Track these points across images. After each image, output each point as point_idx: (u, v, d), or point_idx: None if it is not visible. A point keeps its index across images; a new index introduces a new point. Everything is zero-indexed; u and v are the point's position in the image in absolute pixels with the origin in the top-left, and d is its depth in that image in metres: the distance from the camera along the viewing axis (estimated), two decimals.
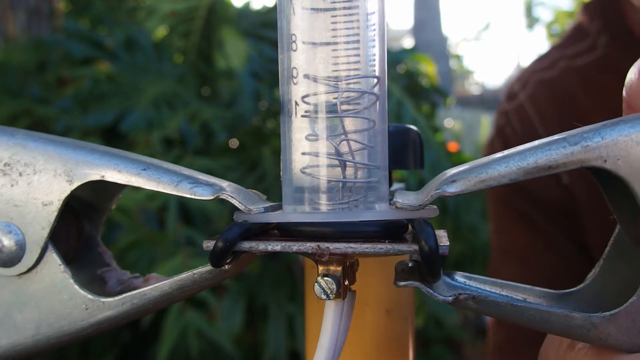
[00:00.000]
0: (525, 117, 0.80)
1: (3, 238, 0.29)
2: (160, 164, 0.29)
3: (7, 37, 2.17)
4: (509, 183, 0.25)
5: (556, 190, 0.76)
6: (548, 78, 0.80)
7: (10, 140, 0.29)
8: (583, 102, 0.74)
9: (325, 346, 0.27)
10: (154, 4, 2.15)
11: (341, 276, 0.27)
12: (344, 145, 0.28)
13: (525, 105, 0.80)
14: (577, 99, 0.76)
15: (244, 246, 0.26)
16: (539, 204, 0.78)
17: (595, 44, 0.77)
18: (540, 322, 0.26)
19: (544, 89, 0.80)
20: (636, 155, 0.25)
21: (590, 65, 0.77)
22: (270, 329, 1.48)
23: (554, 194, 0.77)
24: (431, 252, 0.24)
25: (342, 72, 0.28)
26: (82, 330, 0.29)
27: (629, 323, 0.25)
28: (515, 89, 0.83)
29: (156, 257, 1.43)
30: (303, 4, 0.28)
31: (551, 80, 0.79)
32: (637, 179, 0.25)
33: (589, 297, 0.28)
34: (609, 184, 0.27)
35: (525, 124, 0.79)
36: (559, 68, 0.79)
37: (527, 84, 0.81)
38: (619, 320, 0.25)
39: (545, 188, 0.77)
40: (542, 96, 0.79)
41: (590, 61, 0.77)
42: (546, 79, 0.80)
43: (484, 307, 0.26)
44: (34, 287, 0.29)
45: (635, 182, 0.25)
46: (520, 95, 0.81)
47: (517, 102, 0.81)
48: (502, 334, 0.81)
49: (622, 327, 0.25)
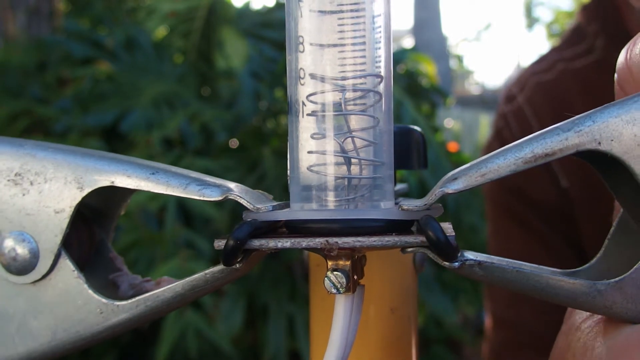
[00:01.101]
0: (523, 120, 0.80)
1: (17, 247, 0.29)
2: (168, 167, 0.29)
3: (7, 37, 2.17)
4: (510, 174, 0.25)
5: (553, 194, 0.77)
6: (546, 80, 0.80)
7: (20, 151, 0.30)
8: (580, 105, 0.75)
9: (337, 340, 0.28)
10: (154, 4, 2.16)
11: (350, 270, 0.27)
12: (350, 143, 0.29)
13: (523, 108, 0.81)
14: (574, 101, 0.77)
15: (254, 244, 0.27)
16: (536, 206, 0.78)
17: (593, 46, 0.77)
18: (545, 289, 0.26)
19: (542, 92, 0.80)
20: (628, 134, 0.25)
21: (588, 67, 0.77)
22: (270, 329, 1.48)
23: (551, 197, 0.77)
24: (439, 239, 0.25)
25: (348, 73, 0.28)
26: (98, 334, 0.29)
27: (635, 290, 0.25)
28: (513, 92, 0.83)
29: (155, 258, 1.43)
30: (310, 7, 0.28)
31: (549, 83, 0.80)
32: (632, 156, 0.25)
33: (594, 276, 0.28)
34: (606, 169, 0.27)
35: (523, 126, 0.80)
36: (556, 70, 0.80)
37: (525, 86, 0.82)
38: (625, 287, 0.26)
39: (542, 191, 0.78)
40: (540, 99, 0.80)
41: (588, 63, 0.77)
42: (544, 82, 0.80)
43: (490, 273, 0.26)
44: (49, 293, 0.30)
45: (631, 160, 0.25)
46: (519, 97, 0.82)
47: (515, 104, 0.82)
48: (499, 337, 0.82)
49: (628, 294, 0.26)
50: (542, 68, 0.82)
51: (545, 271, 0.26)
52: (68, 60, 1.91)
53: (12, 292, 0.30)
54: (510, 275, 0.26)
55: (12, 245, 0.29)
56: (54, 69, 1.92)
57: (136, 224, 1.48)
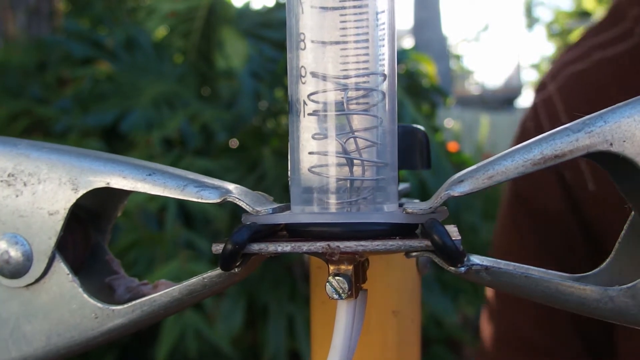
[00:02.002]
0: (552, 109, 0.75)
1: (10, 249, 0.29)
2: (165, 168, 0.29)
3: (7, 37, 2.16)
4: (518, 176, 0.25)
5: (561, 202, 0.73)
6: (579, 70, 0.74)
7: (13, 151, 0.29)
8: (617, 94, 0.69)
9: (339, 347, 0.27)
10: (154, 4, 2.15)
11: (352, 275, 0.27)
12: (352, 144, 0.28)
13: (553, 97, 0.75)
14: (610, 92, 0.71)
15: (253, 248, 0.26)
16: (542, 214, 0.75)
17: (632, 29, 0.71)
18: (554, 296, 0.25)
19: (575, 81, 0.74)
20: None
21: (625, 53, 0.71)
22: (270, 329, 1.48)
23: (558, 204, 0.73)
24: (445, 244, 0.24)
25: (351, 72, 0.28)
26: (93, 340, 0.29)
27: None
28: (545, 80, 0.78)
29: (155, 259, 1.43)
30: (312, 3, 0.27)
31: (583, 73, 0.74)
32: None
33: (604, 281, 0.27)
34: (618, 171, 0.26)
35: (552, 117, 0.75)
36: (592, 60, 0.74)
37: (558, 75, 0.76)
38: (638, 293, 0.25)
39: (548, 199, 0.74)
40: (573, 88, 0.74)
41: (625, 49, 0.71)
42: (577, 72, 0.74)
43: (497, 278, 0.25)
44: (43, 297, 0.29)
45: None
46: (549, 86, 0.76)
47: (546, 93, 0.77)
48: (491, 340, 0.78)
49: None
50: (576, 56, 0.76)
51: (555, 276, 0.26)
52: (68, 60, 1.90)
53: (5, 296, 0.29)
54: (518, 281, 0.25)
55: (5, 247, 0.29)
56: (54, 69, 1.91)
57: (136, 224, 1.48)
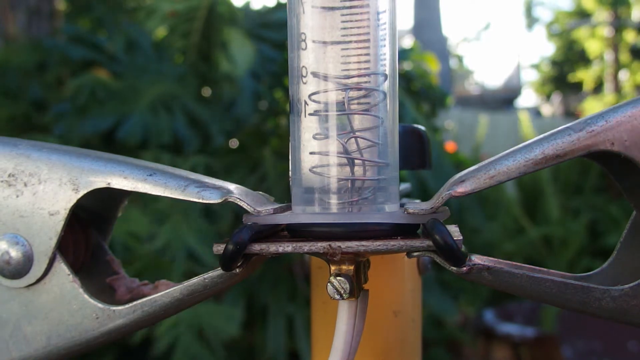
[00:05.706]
0: None
1: (10, 250, 0.29)
2: (166, 168, 0.29)
3: (7, 37, 2.16)
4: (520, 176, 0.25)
5: None
6: None
7: (14, 151, 0.29)
8: None
9: (340, 347, 0.27)
10: (154, 4, 2.15)
11: (354, 275, 0.27)
12: (353, 144, 0.28)
13: None
14: None
15: (254, 249, 0.26)
16: None
17: None
18: (557, 295, 0.25)
19: None
20: None
21: None
22: (270, 329, 1.48)
23: None
24: (446, 244, 0.24)
25: (352, 72, 0.27)
26: (93, 340, 0.29)
27: None
28: None
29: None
30: (313, 3, 0.27)
31: None
32: None
33: (606, 280, 0.27)
34: (618, 170, 0.26)
35: None
36: None
37: None
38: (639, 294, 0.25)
39: None
40: None
41: None
42: None
43: (499, 278, 0.25)
44: (43, 298, 0.29)
45: None
46: None
47: None
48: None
49: None
50: None
51: (557, 276, 0.26)
52: (68, 62, 1.90)
53: (6, 297, 0.29)
54: (520, 281, 0.25)
55: (6, 248, 0.29)
56: (53, 70, 1.91)
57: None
